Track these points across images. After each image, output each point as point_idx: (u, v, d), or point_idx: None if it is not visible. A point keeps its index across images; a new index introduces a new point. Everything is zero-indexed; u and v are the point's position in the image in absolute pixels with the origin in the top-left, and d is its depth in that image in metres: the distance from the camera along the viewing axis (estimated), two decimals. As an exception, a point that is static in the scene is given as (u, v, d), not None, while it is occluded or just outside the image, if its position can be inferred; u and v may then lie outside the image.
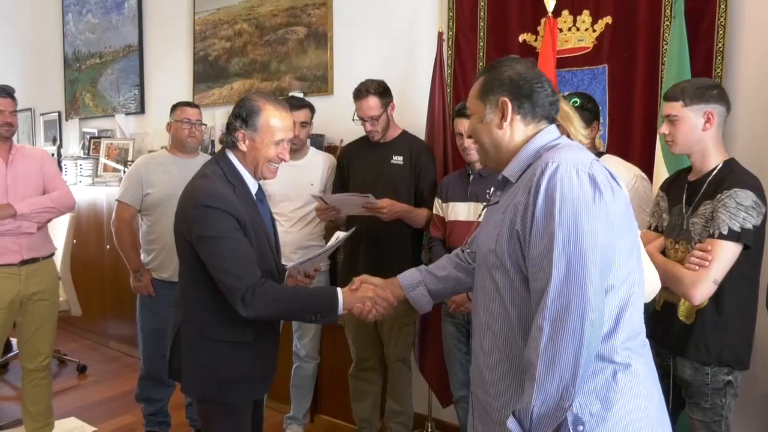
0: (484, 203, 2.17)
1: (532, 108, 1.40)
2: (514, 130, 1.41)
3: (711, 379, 1.96)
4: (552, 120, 1.44)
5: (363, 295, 1.88)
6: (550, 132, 1.42)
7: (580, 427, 1.23)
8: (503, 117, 1.40)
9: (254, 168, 1.97)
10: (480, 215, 2.36)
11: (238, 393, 1.98)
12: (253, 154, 1.94)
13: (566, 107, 1.70)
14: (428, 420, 3.26)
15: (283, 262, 2.17)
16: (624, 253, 1.28)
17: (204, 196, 1.85)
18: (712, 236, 1.85)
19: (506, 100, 1.39)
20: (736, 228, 1.82)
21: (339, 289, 1.89)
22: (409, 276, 1.85)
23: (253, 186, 2.01)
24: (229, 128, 1.95)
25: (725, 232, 1.82)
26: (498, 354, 1.37)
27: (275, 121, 1.93)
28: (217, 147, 4.19)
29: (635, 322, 1.32)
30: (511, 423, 1.24)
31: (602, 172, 1.28)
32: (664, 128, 2.02)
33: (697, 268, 1.83)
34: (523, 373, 1.28)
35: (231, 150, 1.98)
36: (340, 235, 2.21)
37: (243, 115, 1.91)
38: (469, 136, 1.58)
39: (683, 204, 2.01)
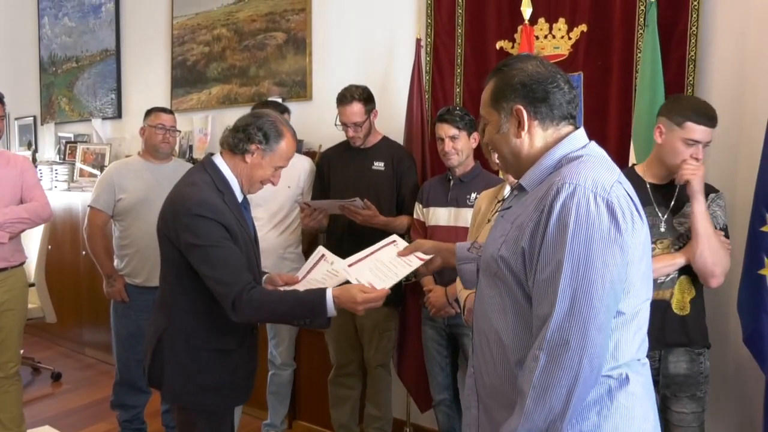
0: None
1: (550, 111, 1.32)
2: (533, 136, 1.33)
3: (703, 366, 2.08)
4: (572, 118, 1.36)
5: (352, 297, 1.79)
6: (573, 140, 1.32)
7: None
8: (520, 125, 1.32)
9: (247, 181, 1.99)
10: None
11: (222, 399, 1.99)
12: (253, 170, 1.96)
13: None
14: (407, 425, 3.26)
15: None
16: (636, 284, 1.24)
17: (194, 204, 1.85)
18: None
19: (520, 107, 1.31)
20: (725, 224, 2.10)
21: (329, 293, 1.80)
22: (467, 248, 1.75)
23: (239, 194, 2.02)
24: (247, 136, 1.93)
25: (723, 227, 2.08)
26: (493, 360, 1.34)
27: (287, 150, 1.98)
28: (195, 152, 4.19)
29: (637, 342, 1.28)
30: None
31: (624, 198, 1.20)
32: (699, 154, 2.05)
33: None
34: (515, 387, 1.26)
35: (224, 156, 1.98)
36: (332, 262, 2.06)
37: (266, 132, 1.93)
38: (482, 144, 1.47)
39: (654, 206, 2.09)
